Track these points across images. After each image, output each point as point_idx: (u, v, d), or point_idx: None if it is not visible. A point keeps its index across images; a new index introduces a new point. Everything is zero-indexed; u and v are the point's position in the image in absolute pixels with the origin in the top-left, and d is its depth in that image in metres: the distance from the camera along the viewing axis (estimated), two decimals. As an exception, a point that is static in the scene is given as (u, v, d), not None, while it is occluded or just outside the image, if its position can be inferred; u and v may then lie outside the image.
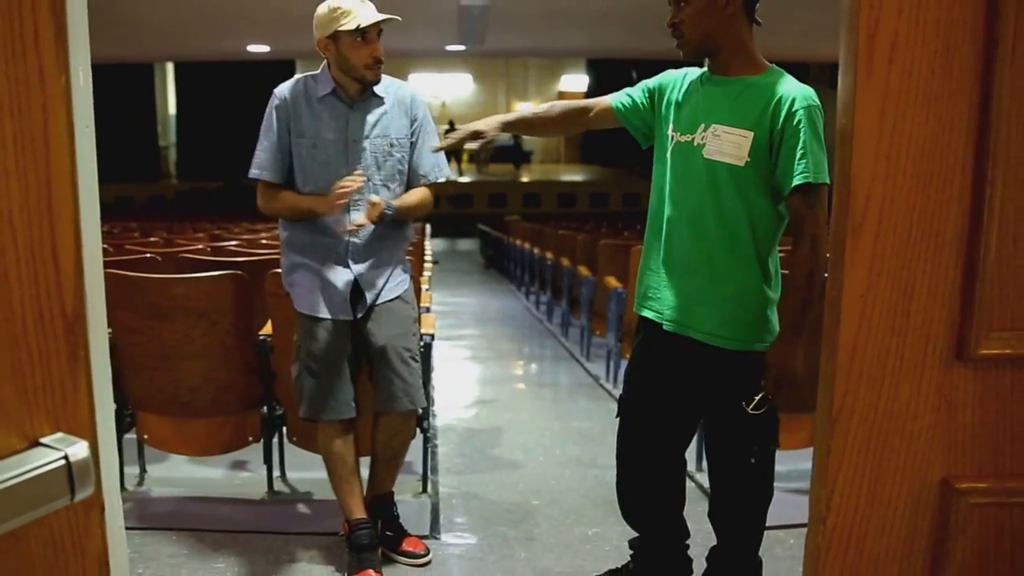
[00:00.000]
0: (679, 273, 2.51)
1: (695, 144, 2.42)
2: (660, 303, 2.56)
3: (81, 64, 0.91)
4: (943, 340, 1.12)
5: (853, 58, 1.07)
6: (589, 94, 31.70)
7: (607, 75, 28.46)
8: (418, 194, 3.15)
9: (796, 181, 2.27)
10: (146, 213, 17.68)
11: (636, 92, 2.67)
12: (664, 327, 2.54)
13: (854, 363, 1.11)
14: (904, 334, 1.11)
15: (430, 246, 10.94)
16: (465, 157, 30.69)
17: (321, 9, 2.94)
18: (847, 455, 1.15)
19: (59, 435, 0.85)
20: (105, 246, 5.74)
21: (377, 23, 2.91)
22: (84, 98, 0.92)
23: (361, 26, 2.87)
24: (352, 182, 2.90)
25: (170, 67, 27.33)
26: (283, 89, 3.08)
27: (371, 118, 3.05)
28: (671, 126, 2.52)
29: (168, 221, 12.25)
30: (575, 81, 33.77)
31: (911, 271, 1.10)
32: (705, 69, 2.50)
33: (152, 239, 7.12)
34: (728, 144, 2.35)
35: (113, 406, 1.01)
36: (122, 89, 23.38)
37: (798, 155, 2.26)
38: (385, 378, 3.05)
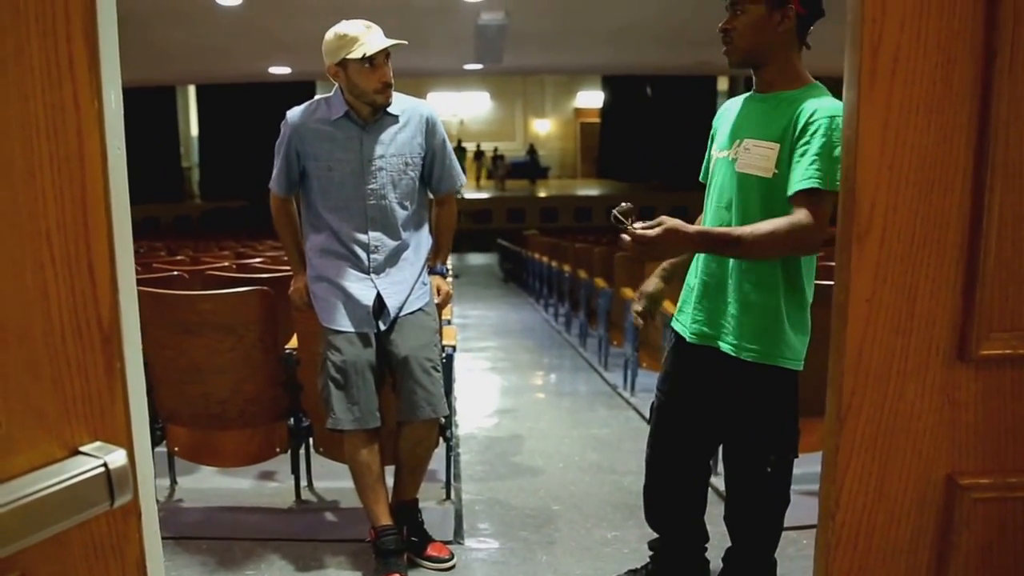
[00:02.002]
0: (705, 283, 2.57)
1: (730, 159, 2.47)
2: (686, 316, 2.63)
3: (113, 88, 0.94)
4: (946, 341, 1.17)
5: (857, 71, 1.11)
6: (604, 110, 32.03)
7: (622, 91, 28.80)
8: (449, 225, 3.40)
9: (802, 185, 2.25)
10: (172, 233, 17.87)
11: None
12: (687, 339, 2.61)
13: (861, 364, 1.16)
14: (908, 336, 1.16)
15: (449, 260, 10.97)
16: (484, 173, 30.99)
17: (328, 36, 2.98)
18: (855, 453, 1.19)
19: (98, 444, 0.88)
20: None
21: (384, 49, 2.95)
22: (116, 121, 0.95)
23: (367, 55, 2.91)
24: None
25: (192, 89, 27.70)
26: (293, 114, 3.13)
27: (385, 137, 3.10)
28: (715, 147, 2.59)
29: (193, 240, 12.39)
30: (591, 97, 34.11)
31: (914, 275, 1.14)
32: (752, 90, 2.54)
33: (179, 257, 7.23)
34: (757, 157, 2.38)
35: (147, 416, 1.03)
36: (145, 112, 23.73)
37: (808, 160, 2.25)
38: (408, 388, 3.11)
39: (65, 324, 0.87)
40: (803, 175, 2.25)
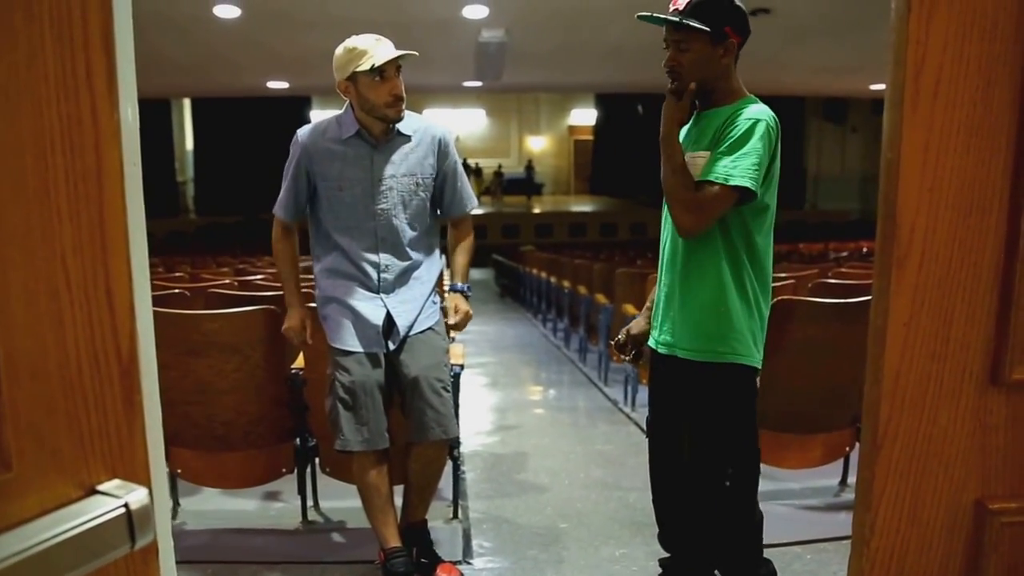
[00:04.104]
0: (663, 294, 2.68)
1: None
2: (655, 329, 2.73)
3: (129, 101, 0.88)
4: (979, 366, 1.16)
5: (899, 93, 1.10)
6: (597, 127, 32.32)
7: (614, 109, 29.25)
8: (465, 246, 3.41)
9: (703, 176, 2.44)
10: (167, 248, 17.78)
11: None
12: (658, 352, 2.70)
13: (898, 390, 1.14)
14: (944, 361, 1.15)
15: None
16: (483, 188, 31.08)
17: (338, 51, 2.97)
18: (890, 480, 1.18)
19: (116, 482, 0.84)
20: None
21: (394, 60, 2.94)
22: (132, 136, 0.90)
23: (376, 65, 2.90)
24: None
25: (187, 103, 27.59)
26: (303, 133, 3.12)
27: (397, 157, 3.09)
28: None
29: (189, 255, 12.33)
30: (584, 115, 34.45)
31: (951, 299, 1.13)
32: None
33: (177, 274, 7.17)
34: (693, 168, 2.49)
35: (162, 447, 0.98)
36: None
37: (713, 157, 2.43)
38: (418, 408, 3.08)
39: (82, 355, 0.81)
40: (708, 170, 2.43)
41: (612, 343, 2.98)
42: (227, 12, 10.14)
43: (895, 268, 1.12)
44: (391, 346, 3.10)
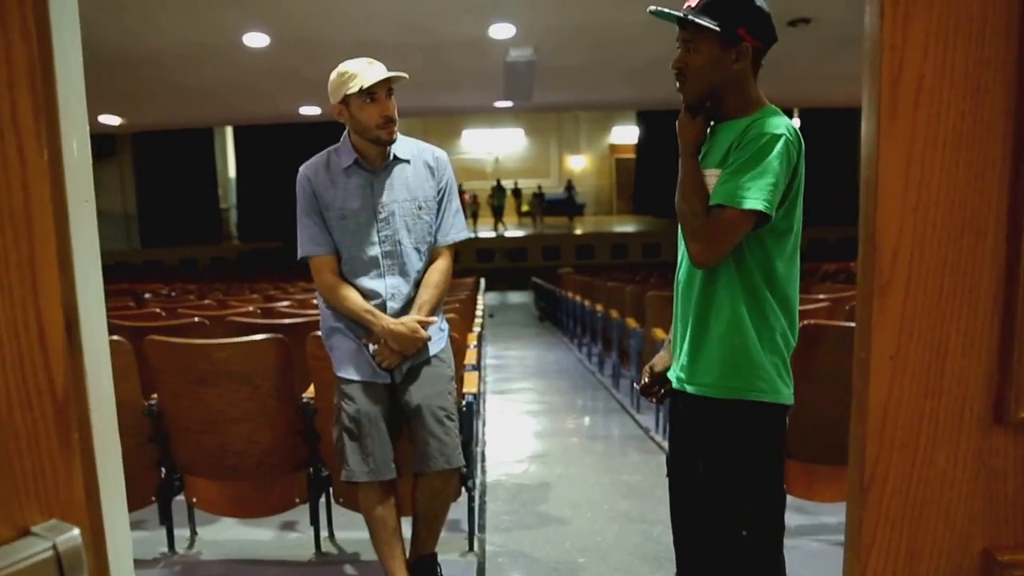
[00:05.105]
0: (678, 325, 2.46)
1: None
2: (675, 360, 2.49)
3: (76, 136, 0.88)
4: (980, 403, 1.04)
5: (876, 103, 1.00)
6: (640, 145, 32.07)
7: (657, 126, 28.92)
8: (435, 280, 3.10)
9: (713, 199, 2.20)
10: (208, 274, 18.13)
11: None
12: (674, 386, 2.47)
13: (886, 428, 1.03)
14: (938, 397, 1.03)
15: (482, 300, 11.00)
16: (525, 208, 31.07)
17: (332, 75, 2.96)
18: (880, 527, 1.07)
19: (52, 523, 0.82)
20: (157, 310, 5.89)
21: (385, 82, 2.90)
22: (81, 171, 0.89)
23: (364, 87, 2.87)
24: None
25: (229, 131, 28.08)
26: (306, 168, 3.10)
27: (397, 182, 3.05)
28: None
29: (227, 282, 12.47)
30: (626, 133, 34.11)
31: (944, 330, 1.02)
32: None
33: (206, 301, 7.23)
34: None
35: (121, 487, 0.97)
36: (184, 154, 24.15)
37: (724, 177, 2.19)
38: (420, 438, 3.02)
39: (12, 396, 0.80)
40: (718, 193, 2.19)
41: (638, 387, 2.77)
42: (256, 41, 10.25)
43: (877, 296, 1.01)
44: (397, 378, 3.04)
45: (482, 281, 14.39)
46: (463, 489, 3.49)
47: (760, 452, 2.34)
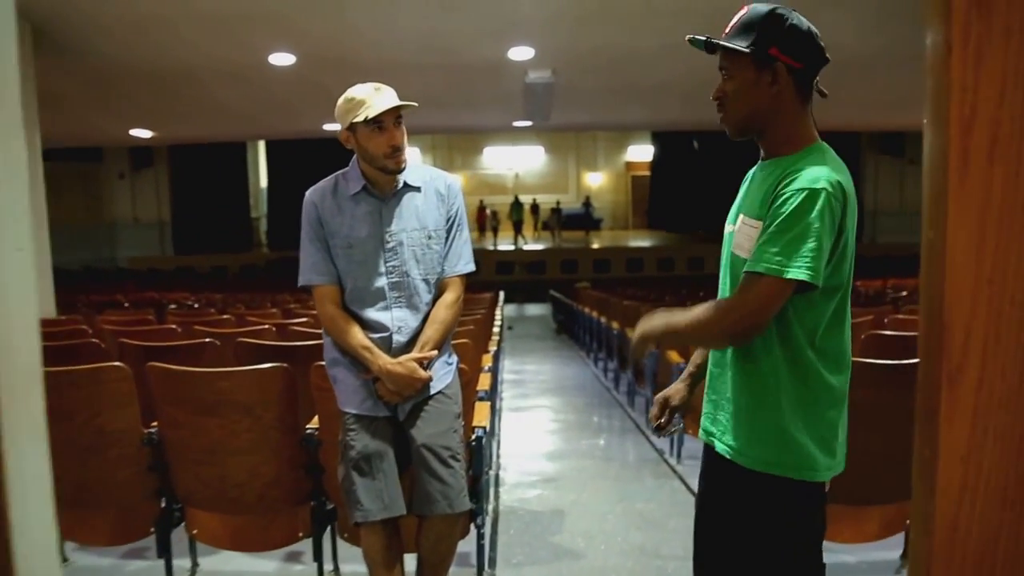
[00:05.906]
0: (712, 372, 2.23)
1: (728, 234, 2.17)
2: (705, 403, 2.26)
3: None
4: (1070, 513, 0.88)
5: (943, 156, 0.83)
6: (655, 163, 33.65)
7: (670, 145, 30.65)
8: (443, 315, 2.96)
9: (749, 265, 1.96)
10: (236, 282, 18.34)
11: None
12: (700, 435, 2.26)
13: (955, 546, 0.86)
14: (1019, 508, 0.87)
15: (500, 313, 10.90)
16: (541, 224, 31.72)
17: (339, 101, 2.85)
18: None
19: None
20: (174, 326, 5.78)
21: (393, 110, 2.79)
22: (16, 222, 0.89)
23: (370, 117, 2.77)
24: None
25: (261, 144, 29.38)
26: (312, 193, 2.99)
27: (406, 211, 2.93)
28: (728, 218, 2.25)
29: (253, 292, 12.57)
30: (641, 151, 35.87)
31: (1024, 424, 0.86)
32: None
33: (226, 316, 7.20)
34: (743, 236, 2.05)
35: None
36: (218, 165, 25.37)
37: (763, 238, 1.94)
38: (423, 479, 2.87)
39: None
40: (753, 258, 1.96)
41: (653, 425, 2.55)
42: (282, 60, 10.28)
43: (946, 387, 0.84)
44: (400, 415, 2.91)
45: (501, 295, 14.36)
46: (472, 527, 3.32)
47: (790, 532, 2.11)
